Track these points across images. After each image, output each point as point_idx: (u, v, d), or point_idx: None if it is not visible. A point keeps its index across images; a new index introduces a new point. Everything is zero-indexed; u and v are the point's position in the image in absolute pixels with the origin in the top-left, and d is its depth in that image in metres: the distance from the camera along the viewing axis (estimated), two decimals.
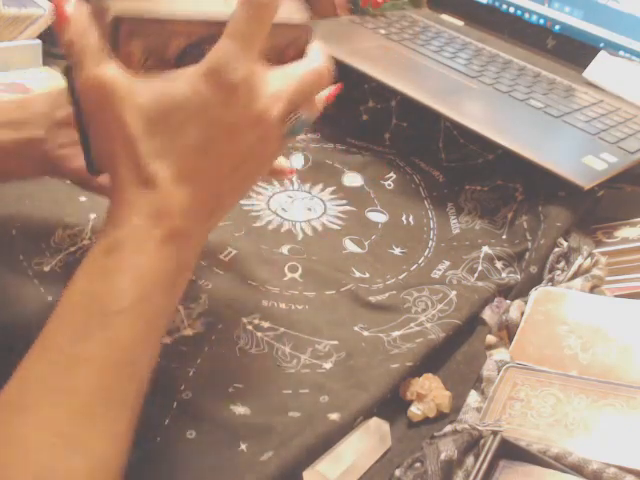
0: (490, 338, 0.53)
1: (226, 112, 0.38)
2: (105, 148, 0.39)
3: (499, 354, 0.51)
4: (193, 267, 0.41)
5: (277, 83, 0.40)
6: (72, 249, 0.55)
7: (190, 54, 0.39)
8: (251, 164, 0.41)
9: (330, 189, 0.69)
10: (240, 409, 0.45)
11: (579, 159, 0.66)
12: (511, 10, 0.94)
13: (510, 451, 0.42)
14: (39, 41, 0.79)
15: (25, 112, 0.51)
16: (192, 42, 0.39)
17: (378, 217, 0.67)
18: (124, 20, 0.37)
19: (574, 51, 0.87)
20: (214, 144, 0.38)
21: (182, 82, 0.37)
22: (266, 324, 0.52)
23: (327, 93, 0.46)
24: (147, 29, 0.38)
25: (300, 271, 0.58)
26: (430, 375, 0.49)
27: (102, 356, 0.35)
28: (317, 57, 0.43)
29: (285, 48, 0.43)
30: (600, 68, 0.82)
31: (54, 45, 0.82)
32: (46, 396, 0.35)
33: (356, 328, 0.53)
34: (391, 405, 0.47)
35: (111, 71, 0.37)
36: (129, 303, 0.36)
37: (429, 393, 0.47)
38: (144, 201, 0.37)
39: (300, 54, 0.43)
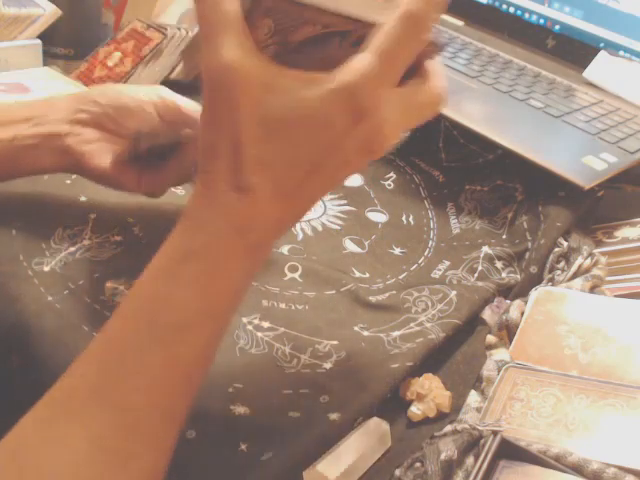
0: (490, 338, 0.53)
1: (346, 139, 0.34)
2: (209, 139, 0.35)
3: (499, 354, 0.51)
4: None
5: (398, 113, 0.35)
6: (72, 249, 0.55)
7: (315, 43, 0.36)
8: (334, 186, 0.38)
9: None
10: (240, 409, 0.45)
11: (579, 159, 0.66)
12: (511, 10, 0.94)
13: (510, 451, 0.42)
14: (39, 41, 0.79)
15: (49, 109, 0.52)
16: (321, 32, 0.36)
17: (378, 217, 0.67)
18: None
19: (574, 51, 0.87)
20: (322, 167, 0.35)
21: (313, 94, 0.33)
22: (266, 324, 0.52)
23: None
24: (286, 9, 0.35)
25: (300, 271, 0.58)
26: (430, 375, 0.49)
27: (158, 373, 0.33)
28: (438, 81, 0.36)
29: None
30: (600, 68, 0.82)
31: (54, 45, 0.82)
32: (96, 408, 0.32)
33: (356, 328, 0.53)
34: (391, 405, 0.47)
35: (245, 59, 0.33)
36: (193, 319, 0.34)
37: (429, 393, 0.47)
38: (236, 209, 0.34)
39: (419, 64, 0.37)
